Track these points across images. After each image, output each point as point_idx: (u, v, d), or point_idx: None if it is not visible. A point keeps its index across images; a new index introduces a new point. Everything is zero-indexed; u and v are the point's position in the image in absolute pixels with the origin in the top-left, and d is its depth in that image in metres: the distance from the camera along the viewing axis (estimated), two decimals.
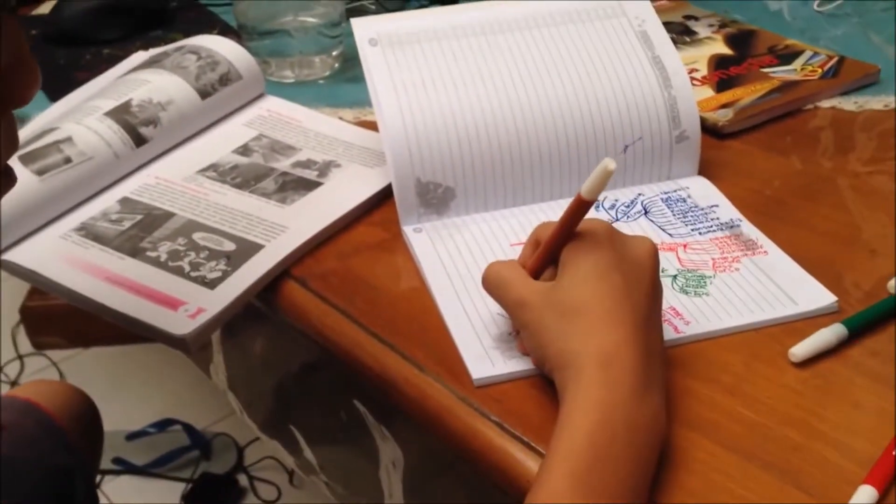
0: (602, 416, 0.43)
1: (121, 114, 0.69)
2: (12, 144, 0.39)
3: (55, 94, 0.78)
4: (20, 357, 1.64)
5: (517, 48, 0.66)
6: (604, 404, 0.43)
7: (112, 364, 1.63)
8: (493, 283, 0.51)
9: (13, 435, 0.77)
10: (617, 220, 0.64)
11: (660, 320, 0.49)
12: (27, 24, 0.93)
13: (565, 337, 0.46)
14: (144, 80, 0.72)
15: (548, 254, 0.50)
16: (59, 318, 1.61)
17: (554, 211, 0.64)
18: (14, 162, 0.63)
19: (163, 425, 1.49)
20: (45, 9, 0.96)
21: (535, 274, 0.50)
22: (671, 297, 0.56)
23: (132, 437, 1.47)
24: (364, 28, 0.66)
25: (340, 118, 0.77)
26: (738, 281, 0.57)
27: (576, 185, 0.66)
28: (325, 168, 0.69)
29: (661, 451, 0.45)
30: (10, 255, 0.61)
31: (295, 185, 0.67)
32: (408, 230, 0.63)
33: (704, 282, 0.58)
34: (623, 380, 0.44)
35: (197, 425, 1.49)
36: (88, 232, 0.63)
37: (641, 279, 0.48)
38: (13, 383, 1.60)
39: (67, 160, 0.65)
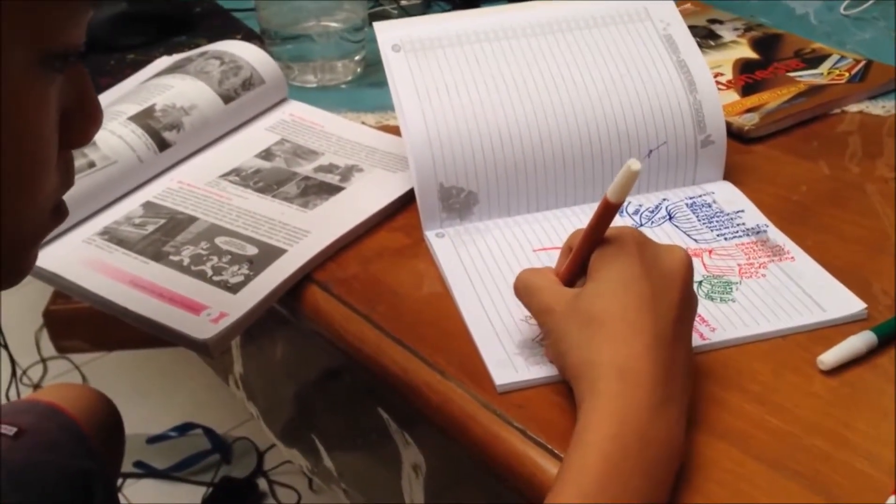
0: (615, 430, 0.42)
1: (144, 118, 0.69)
2: (68, 181, 0.41)
3: None
4: (43, 360, 1.65)
5: (540, 52, 0.66)
6: (617, 417, 0.43)
7: (134, 368, 1.64)
8: (522, 290, 0.51)
9: (35, 438, 0.77)
10: (641, 225, 0.63)
11: (689, 333, 0.48)
12: None
13: (585, 346, 0.46)
14: (168, 85, 0.72)
15: (578, 260, 0.49)
16: (82, 321, 1.62)
17: (578, 217, 0.64)
18: None
19: (184, 429, 1.50)
20: None
21: (567, 281, 0.50)
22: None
23: (153, 440, 1.48)
24: (387, 33, 0.66)
25: (363, 123, 0.77)
26: (764, 287, 0.57)
27: (600, 189, 0.65)
28: (348, 173, 0.69)
29: (678, 466, 0.44)
30: None
31: (317, 190, 0.67)
32: (430, 235, 0.62)
33: (730, 288, 0.57)
34: (638, 393, 0.43)
35: (218, 429, 1.49)
36: (112, 236, 0.63)
37: (670, 290, 0.47)
38: (36, 386, 1.61)
39: (91, 164, 0.65)
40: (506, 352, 0.52)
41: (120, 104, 0.71)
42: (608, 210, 0.47)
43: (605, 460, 0.41)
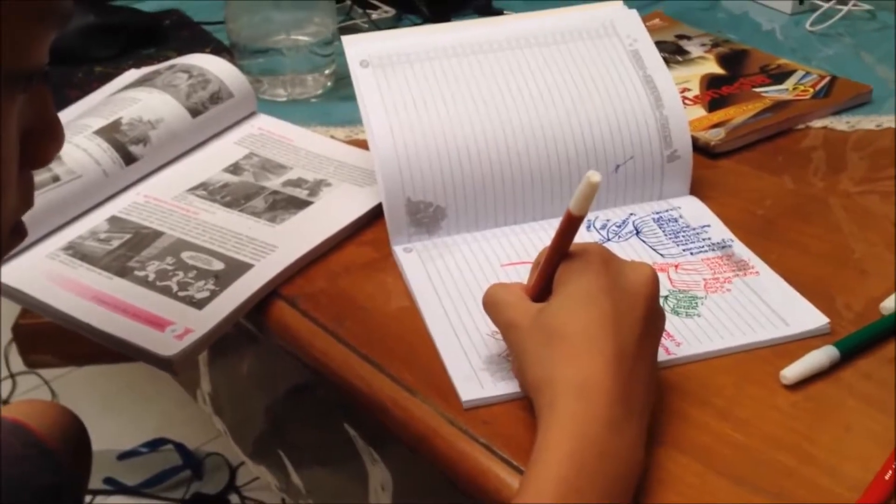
0: (572, 447, 0.42)
1: (110, 132, 0.68)
2: (28, 202, 0.40)
3: None
4: (12, 375, 1.63)
5: (508, 67, 0.66)
6: (575, 435, 0.42)
7: (105, 383, 1.62)
8: (489, 305, 0.51)
9: (0, 454, 0.76)
10: (608, 240, 0.64)
11: (653, 350, 0.48)
12: None
13: (545, 362, 0.46)
14: (135, 98, 0.72)
15: (544, 275, 0.49)
16: (51, 336, 1.60)
17: (546, 231, 0.64)
18: None
19: (155, 444, 1.48)
20: None
21: (535, 297, 0.50)
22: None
23: (124, 456, 1.46)
24: (355, 48, 0.66)
25: (332, 136, 0.77)
26: (729, 302, 0.57)
27: (567, 204, 0.65)
28: (316, 187, 0.69)
29: (637, 482, 0.44)
30: None
31: (285, 204, 0.67)
32: (398, 250, 0.62)
33: (696, 303, 0.57)
34: (597, 410, 0.43)
35: (189, 445, 1.47)
36: (76, 251, 0.63)
37: (634, 306, 0.47)
38: (5, 401, 1.59)
39: (56, 178, 0.64)
40: (472, 367, 0.52)
41: (86, 117, 0.70)
42: (571, 223, 0.47)
43: (562, 479, 0.41)
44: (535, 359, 0.46)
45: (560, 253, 0.48)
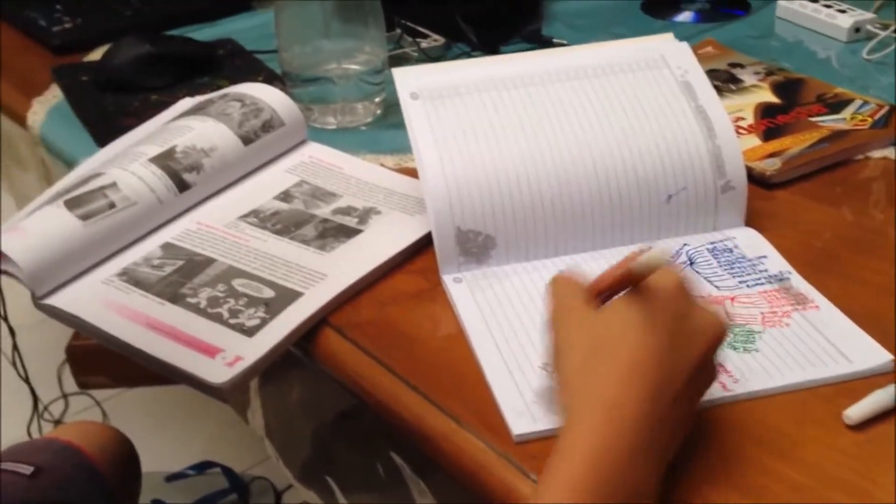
0: (589, 461, 0.42)
1: (165, 160, 0.70)
2: None
3: (103, 139, 0.80)
4: (65, 396, 1.66)
5: (558, 99, 0.66)
6: (594, 450, 0.42)
7: (155, 404, 1.64)
8: (552, 284, 0.51)
9: (51, 477, 0.77)
10: None
11: (693, 399, 0.47)
12: (79, 71, 0.95)
13: (584, 368, 0.45)
14: (189, 126, 0.73)
15: (615, 288, 0.49)
16: (103, 357, 1.62)
17: (597, 261, 0.63)
18: (59, 207, 0.64)
19: (202, 467, 1.49)
20: (96, 55, 0.98)
21: (598, 297, 0.49)
22: (719, 354, 0.54)
23: (172, 478, 1.47)
24: (405, 80, 0.66)
25: (382, 164, 0.77)
26: (788, 337, 0.56)
27: (619, 235, 0.64)
28: (366, 215, 0.69)
29: None
30: (52, 300, 0.61)
31: (335, 232, 0.67)
32: (447, 279, 0.62)
33: (753, 337, 0.56)
34: (621, 434, 0.43)
35: (236, 468, 1.48)
36: (130, 277, 0.63)
37: (690, 349, 0.46)
38: (57, 422, 1.61)
39: (112, 205, 0.65)
40: (524, 400, 0.52)
41: (142, 145, 0.71)
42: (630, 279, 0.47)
43: (571, 490, 0.41)
44: (576, 360, 0.46)
45: (627, 284, 0.48)
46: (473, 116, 0.65)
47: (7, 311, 1.30)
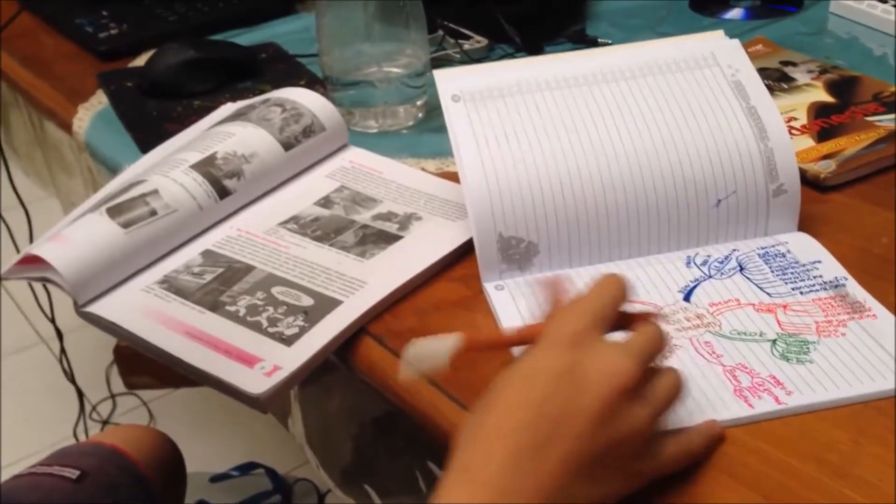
0: None
1: (206, 166, 0.69)
2: None
3: (146, 145, 0.80)
4: (113, 396, 1.68)
5: (603, 100, 0.64)
6: None
7: (201, 405, 1.66)
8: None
9: (96, 481, 0.78)
10: (710, 276, 0.61)
11: (607, 461, 0.42)
12: (123, 77, 0.96)
13: (471, 420, 0.44)
14: (230, 132, 0.73)
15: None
16: (149, 359, 1.64)
17: (643, 269, 0.61)
18: (101, 214, 0.65)
19: (246, 468, 1.50)
20: (140, 61, 0.99)
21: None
22: (771, 365, 0.52)
23: (216, 479, 1.48)
24: (447, 83, 0.65)
25: (423, 169, 0.76)
26: (844, 347, 0.53)
27: (665, 241, 0.63)
28: (406, 221, 0.68)
29: None
30: (93, 308, 0.61)
31: (375, 239, 0.66)
32: (489, 287, 0.61)
33: (807, 347, 0.54)
34: (473, 497, 0.40)
35: (279, 469, 1.49)
36: (171, 285, 0.63)
37: (581, 401, 0.42)
38: (105, 422, 1.64)
39: (153, 213, 0.65)
40: None
41: (183, 152, 0.71)
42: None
43: None
44: (475, 411, 0.44)
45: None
46: (516, 119, 0.63)
47: (55, 314, 1.32)
